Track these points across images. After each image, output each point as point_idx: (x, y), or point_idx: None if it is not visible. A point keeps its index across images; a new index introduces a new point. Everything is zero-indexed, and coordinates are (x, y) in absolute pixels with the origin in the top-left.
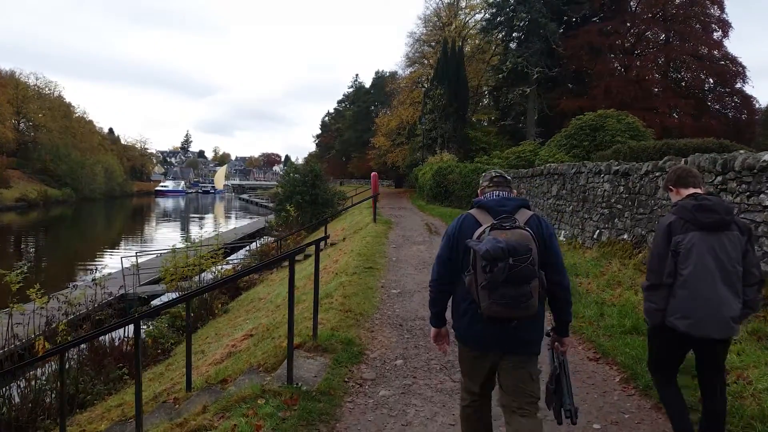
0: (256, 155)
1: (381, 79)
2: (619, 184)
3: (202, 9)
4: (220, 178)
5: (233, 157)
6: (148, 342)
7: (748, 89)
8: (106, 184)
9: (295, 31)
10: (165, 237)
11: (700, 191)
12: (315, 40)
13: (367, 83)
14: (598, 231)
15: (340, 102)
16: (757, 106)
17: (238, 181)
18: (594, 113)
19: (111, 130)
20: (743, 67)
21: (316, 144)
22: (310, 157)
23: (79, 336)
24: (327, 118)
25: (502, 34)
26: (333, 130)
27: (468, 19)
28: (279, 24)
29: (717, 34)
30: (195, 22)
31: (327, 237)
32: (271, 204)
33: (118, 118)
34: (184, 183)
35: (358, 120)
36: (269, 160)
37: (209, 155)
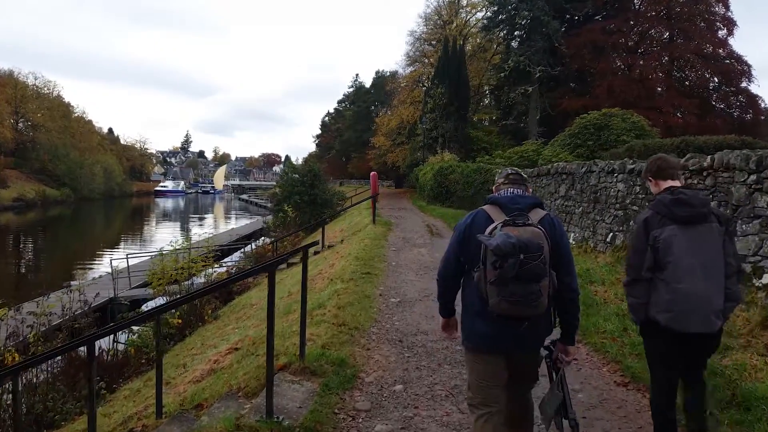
0: (256, 155)
1: (381, 78)
2: (634, 183)
3: (202, 9)
4: (219, 178)
5: (233, 158)
6: (131, 352)
7: (754, 88)
8: (105, 184)
9: (295, 31)
10: (163, 238)
11: (677, 184)
12: (315, 40)
13: (368, 83)
14: (612, 234)
15: (340, 102)
16: (762, 105)
17: (237, 182)
18: (599, 112)
19: (110, 130)
20: (749, 66)
21: (316, 144)
22: (310, 157)
23: (33, 356)
24: (327, 118)
25: (503, 33)
26: (333, 130)
27: (469, 17)
28: (279, 24)
29: (722, 33)
30: (195, 22)
31: (317, 243)
32: (270, 204)
33: (118, 118)
34: (183, 183)
35: (358, 120)
36: (269, 161)
37: (209, 155)
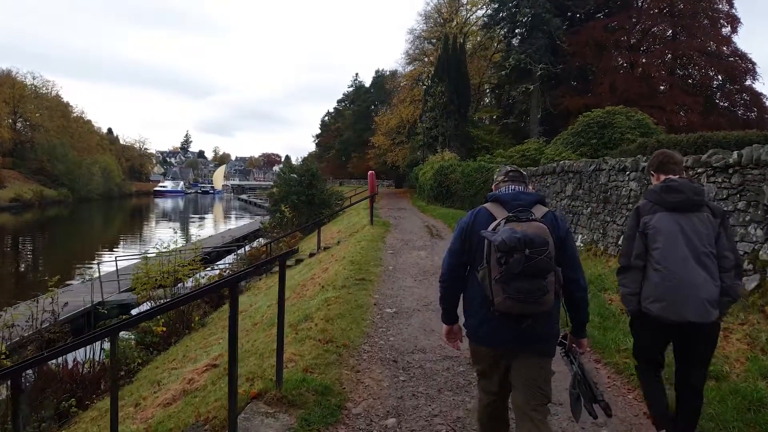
0: (257, 155)
1: (381, 78)
2: (648, 182)
3: (202, 9)
4: (218, 178)
5: (233, 158)
6: (107, 364)
7: (758, 86)
8: (104, 185)
9: (295, 31)
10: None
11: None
12: (315, 40)
13: (368, 82)
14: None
15: (340, 102)
16: (767, 103)
17: (237, 182)
18: (602, 110)
19: (110, 130)
20: (753, 64)
21: (316, 144)
22: (309, 156)
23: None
24: (327, 118)
25: (504, 31)
26: (333, 129)
27: (469, 15)
28: (279, 24)
29: (726, 30)
30: (195, 22)
31: (296, 250)
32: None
33: (118, 118)
34: (183, 183)
35: (357, 119)
36: (269, 161)
37: (209, 155)
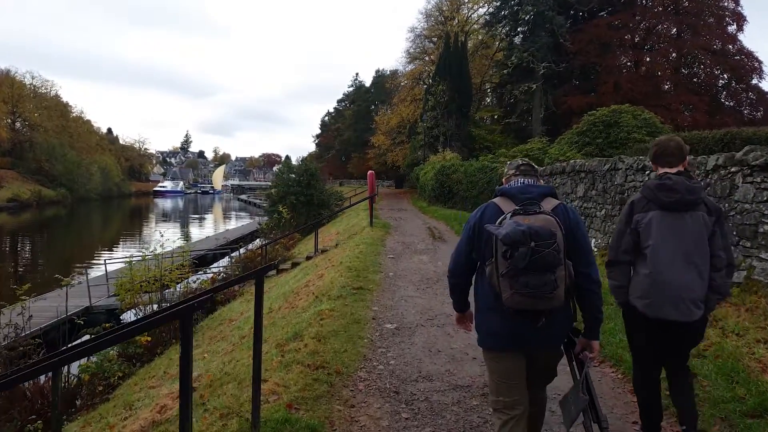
0: (257, 155)
1: (381, 77)
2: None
3: (203, 9)
4: (218, 178)
5: (233, 158)
6: (85, 378)
7: (765, 85)
8: (103, 185)
9: (295, 31)
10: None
11: (672, 171)
12: (315, 40)
13: (368, 82)
14: None
15: (340, 101)
16: None
17: (237, 182)
18: (608, 109)
19: (110, 130)
20: (759, 62)
21: (316, 144)
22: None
23: None
24: (327, 118)
25: (506, 29)
26: (333, 129)
27: (471, 13)
28: (279, 24)
29: (731, 28)
30: (195, 22)
31: (274, 266)
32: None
33: (118, 118)
34: (183, 183)
35: (358, 119)
36: (269, 161)
37: (209, 156)
